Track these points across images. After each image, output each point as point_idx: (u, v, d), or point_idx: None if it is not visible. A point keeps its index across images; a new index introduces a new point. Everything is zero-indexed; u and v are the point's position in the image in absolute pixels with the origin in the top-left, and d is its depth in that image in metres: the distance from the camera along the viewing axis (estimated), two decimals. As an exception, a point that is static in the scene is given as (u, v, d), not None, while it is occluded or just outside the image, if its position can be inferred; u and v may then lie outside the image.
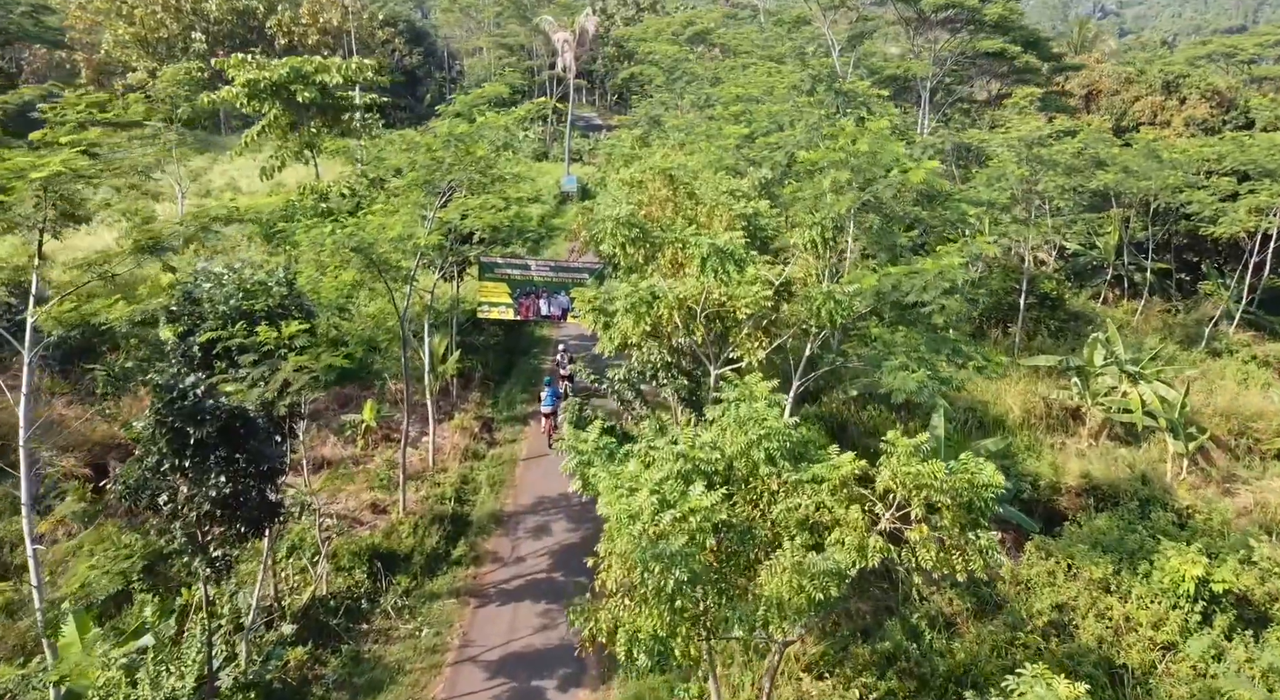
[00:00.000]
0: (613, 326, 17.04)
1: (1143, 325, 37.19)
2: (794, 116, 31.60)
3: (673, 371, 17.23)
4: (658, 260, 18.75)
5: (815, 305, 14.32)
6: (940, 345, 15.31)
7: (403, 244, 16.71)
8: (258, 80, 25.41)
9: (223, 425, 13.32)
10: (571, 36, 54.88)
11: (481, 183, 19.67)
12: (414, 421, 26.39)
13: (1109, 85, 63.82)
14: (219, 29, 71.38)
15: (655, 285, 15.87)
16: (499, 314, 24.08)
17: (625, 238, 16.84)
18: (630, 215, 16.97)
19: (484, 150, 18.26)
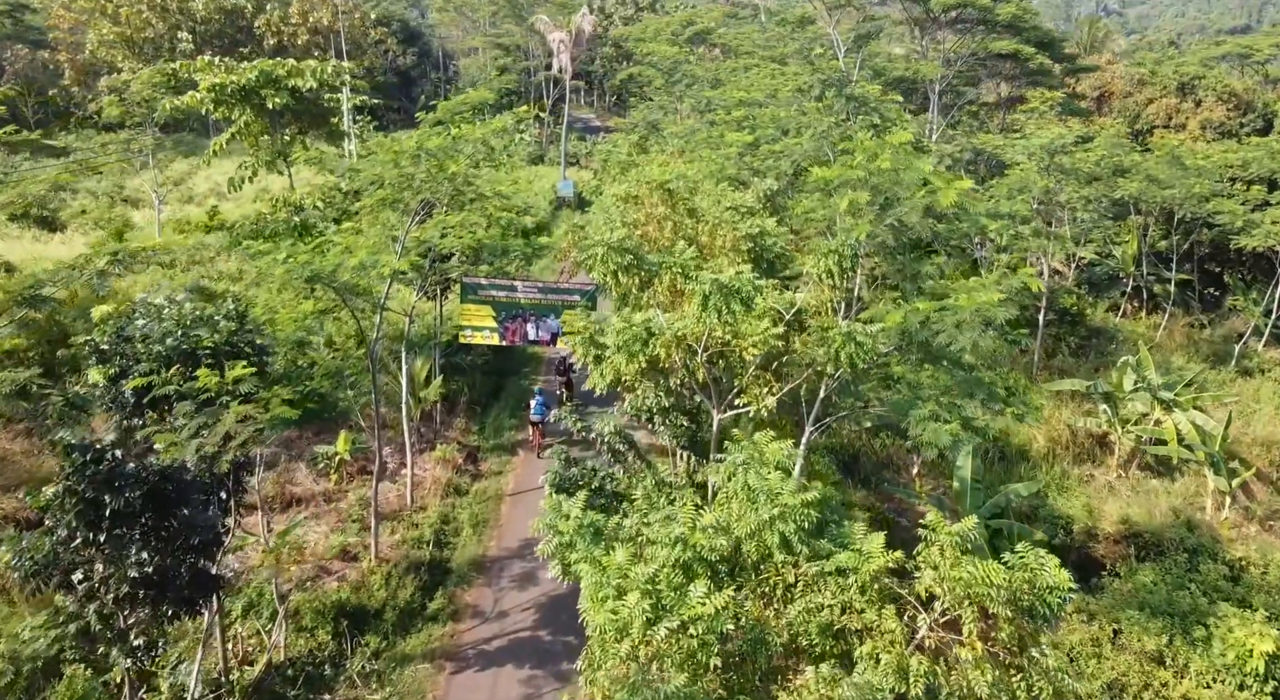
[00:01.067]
0: (605, 361, 15.24)
1: (1166, 341, 35.35)
2: (799, 122, 29.79)
3: (671, 416, 15.39)
4: (654, 287, 16.94)
5: (833, 347, 12.48)
6: (973, 388, 13.48)
7: (366, 273, 14.88)
8: (224, 85, 23.60)
9: (149, 490, 11.47)
10: (567, 37, 53.03)
11: (460, 200, 17.82)
12: (392, 452, 24.61)
13: (1122, 87, 62.04)
14: (206, 29, 69.53)
15: (651, 320, 14.03)
16: (482, 339, 22.24)
17: (617, 265, 15.00)
18: (623, 240, 15.12)
19: (460, 166, 16.40)
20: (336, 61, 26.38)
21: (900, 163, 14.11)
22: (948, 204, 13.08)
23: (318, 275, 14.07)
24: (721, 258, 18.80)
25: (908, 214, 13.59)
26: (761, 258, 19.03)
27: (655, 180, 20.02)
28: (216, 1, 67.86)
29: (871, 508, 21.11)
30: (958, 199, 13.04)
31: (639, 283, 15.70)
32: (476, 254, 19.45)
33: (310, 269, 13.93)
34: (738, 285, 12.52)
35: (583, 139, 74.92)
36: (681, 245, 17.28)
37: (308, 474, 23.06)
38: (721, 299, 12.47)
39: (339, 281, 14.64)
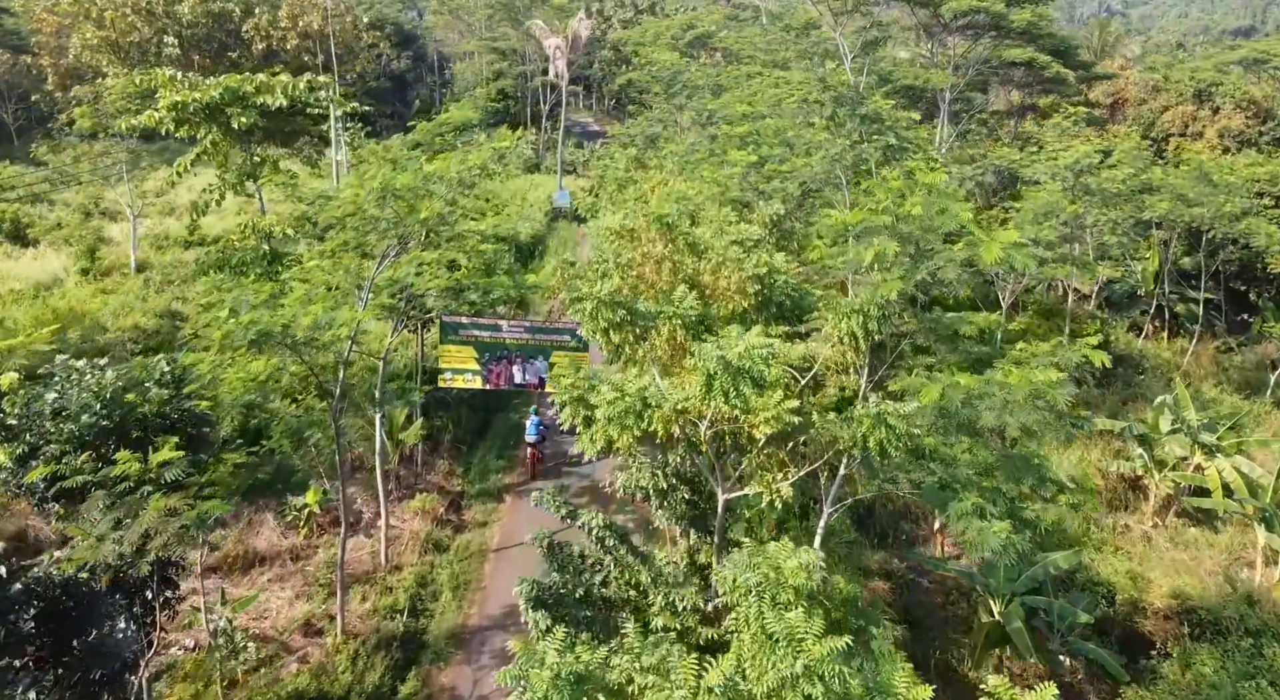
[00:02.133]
0: (595, 424, 13.33)
1: (1194, 368, 33.45)
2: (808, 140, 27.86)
3: (670, 497, 13.49)
4: (651, 339, 15.03)
5: (860, 431, 10.59)
6: (1021, 470, 11.60)
7: (321, 333, 13.00)
8: (185, 103, 21.72)
9: (44, 609, 9.58)
10: (564, 42, 51.14)
11: (435, 240, 15.96)
12: (367, 501, 22.73)
13: (1135, 93, 60.04)
14: (193, 33, 67.64)
15: (647, 389, 12.15)
16: (463, 382, 20.36)
17: (608, 321, 13.10)
18: (614, 292, 13.23)
19: (433, 209, 14.51)
20: (311, 76, 24.44)
21: (932, 208, 12.20)
22: (991, 261, 11.20)
23: (266, 335, 12.19)
24: (726, 301, 16.93)
25: (944, 269, 11.68)
26: (770, 300, 17.13)
27: (653, 213, 18.12)
28: (203, 5, 65.90)
29: (890, 573, 19.23)
30: (1005, 256, 11.17)
31: (634, 337, 13.79)
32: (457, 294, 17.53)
33: (256, 330, 12.04)
34: (748, 364, 10.61)
35: (581, 145, 73.05)
36: (681, 291, 15.39)
37: (275, 527, 21.18)
38: (729, 379, 10.58)
39: (293, 339, 12.76)
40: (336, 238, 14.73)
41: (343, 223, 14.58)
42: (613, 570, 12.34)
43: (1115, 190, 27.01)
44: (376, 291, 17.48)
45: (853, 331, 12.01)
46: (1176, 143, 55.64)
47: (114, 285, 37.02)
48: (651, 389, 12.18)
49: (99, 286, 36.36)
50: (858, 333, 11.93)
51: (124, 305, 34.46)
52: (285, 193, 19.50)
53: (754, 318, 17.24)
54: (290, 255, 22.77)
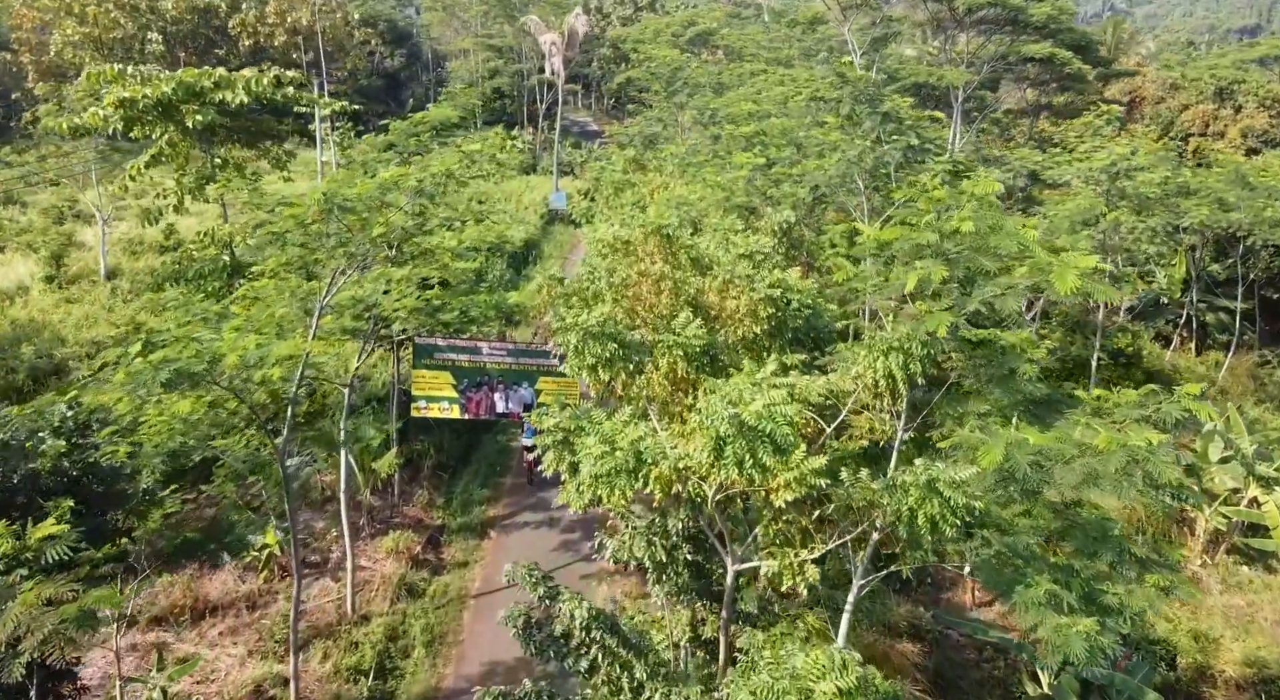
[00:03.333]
0: (581, 474, 11.29)
1: (1230, 383, 31.35)
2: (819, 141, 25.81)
3: (669, 571, 11.38)
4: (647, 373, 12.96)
5: (906, 502, 8.50)
6: (1096, 542, 9.50)
7: (251, 372, 10.91)
8: (135, 99, 19.64)
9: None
10: (560, 39, 49.03)
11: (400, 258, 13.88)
12: (338, 536, 20.63)
13: (1153, 92, 57.97)
14: (178, 29, 65.53)
15: (642, 442, 10.06)
16: (439, 412, 18.31)
17: (597, 357, 11.02)
18: (604, 322, 11.14)
19: (390, 224, 12.39)
20: (279, 71, 22.31)
21: (989, 223, 10.10)
22: (1066, 292, 9.10)
23: (182, 377, 10.10)
24: (734, 326, 14.81)
25: (1003, 299, 9.58)
26: (784, 324, 15.03)
27: (650, 223, 16.01)
28: (188, 1, 63.80)
29: (918, 633, 17.12)
30: (1081, 283, 9.08)
31: (626, 375, 11.72)
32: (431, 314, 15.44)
33: (171, 370, 9.94)
34: (767, 426, 8.51)
35: (578, 145, 70.93)
36: (685, 317, 13.30)
37: (231, 569, 19.07)
38: (744, 445, 8.48)
39: (217, 378, 10.67)
40: (276, 257, 12.69)
41: (282, 239, 12.53)
42: (600, 660, 10.22)
43: (1152, 195, 24.89)
44: (339, 311, 15.42)
45: (890, 373, 9.89)
46: (1197, 142, 53.60)
47: (81, 294, 34.99)
48: (648, 442, 10.08)
49: (64, 295, 34.32)
50: (897, 374, 9.83)
51: (88, 316, 32.43)
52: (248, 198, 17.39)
53: (766, 344, 15.17)
54: (256, 265, 20.65)
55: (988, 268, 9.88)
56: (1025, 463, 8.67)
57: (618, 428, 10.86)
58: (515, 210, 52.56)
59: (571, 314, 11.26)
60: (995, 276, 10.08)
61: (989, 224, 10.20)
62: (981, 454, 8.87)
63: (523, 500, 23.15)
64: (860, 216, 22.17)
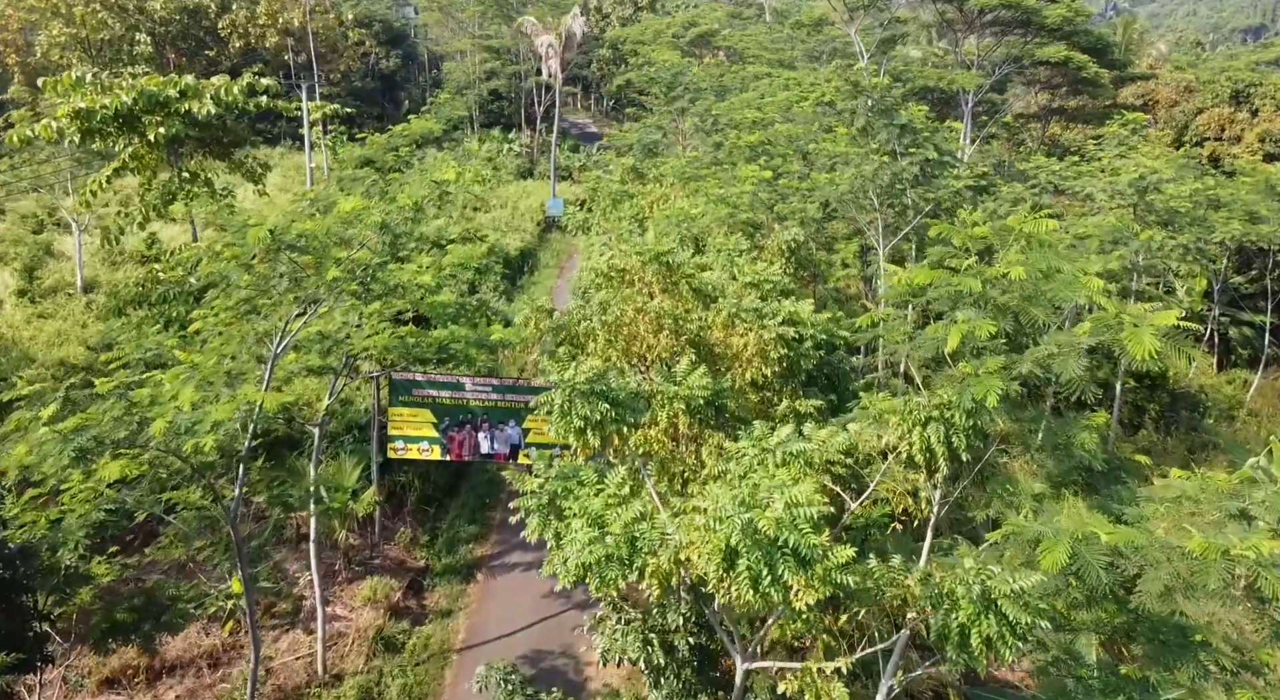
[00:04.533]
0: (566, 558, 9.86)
1: (1261, 404, 29.83)
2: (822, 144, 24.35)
3: (666, 674, 9.90)
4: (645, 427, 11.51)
5: (954, 620, 7.02)
6: (1175, 651, 8.03)
7: (183, 438, 9.43)
8: (92, 110, 18.13)
9: None
10: (557, 40, 47.53)
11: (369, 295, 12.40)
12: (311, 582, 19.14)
13: (1167, 95, 56.42)
14: (167, 30, 64.04)
15: (637, 526, 8.59)
16: (418, 453, 16.85)
17: (585, 418, 9.53)
18: (594, 379, 9.66)
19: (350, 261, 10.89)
20: (253, 77, 20.80)
21: (1039, 268, 8.61)
22: (1141, 355, 7.61)
23: (101, 444, 8.62)
24: (742, 368, 13.34)
25: (1060, 359, 8.10)
26: (797, 365, 13.56)
27: (650, 251, 14.55)
28: (176, 1, 62.35)
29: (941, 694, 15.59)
30: (1159, 345, 7.60)
31: (620, 436, 10.24)
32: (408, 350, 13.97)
33: (87, 438, 8.47)
34: (789, 536, 7.02)
35: (577, 149, 69.43)
36: (686, 363, 11.81)
37: (199, 620, 17.56)
38: (759, 558, 6.99)
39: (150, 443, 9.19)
40: (220, 301, 11.21)
41: (225, 282, 11.06)
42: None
43: (1182, 209, 23.39)
44: (304, 347, 13.94)
45: (929, 446, 8.41)
46: (1212, 147, 52.09)
47: (55, 308, 33.48)
48: (643, 528, 8.60)
49: (37, 310, 32.81)
50: (937, 449, 8.34)
51: (60, 332, 30.92)
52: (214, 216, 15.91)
53: (777, 387, 13.69)
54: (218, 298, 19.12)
55: (1043, 322, 8.37)
56: (1098, 565, 7.17)
57: (609, 501, 9.39)
58: (511, 217, 51.05)
59: (556, 368, 9.77)
60: (1048, 332, 8.58)
61: (1042, 268, 8.70)
62: (1043, 551, 7.38)
63: (512, 537, 21.61)
64: (874, 235, 20.69)
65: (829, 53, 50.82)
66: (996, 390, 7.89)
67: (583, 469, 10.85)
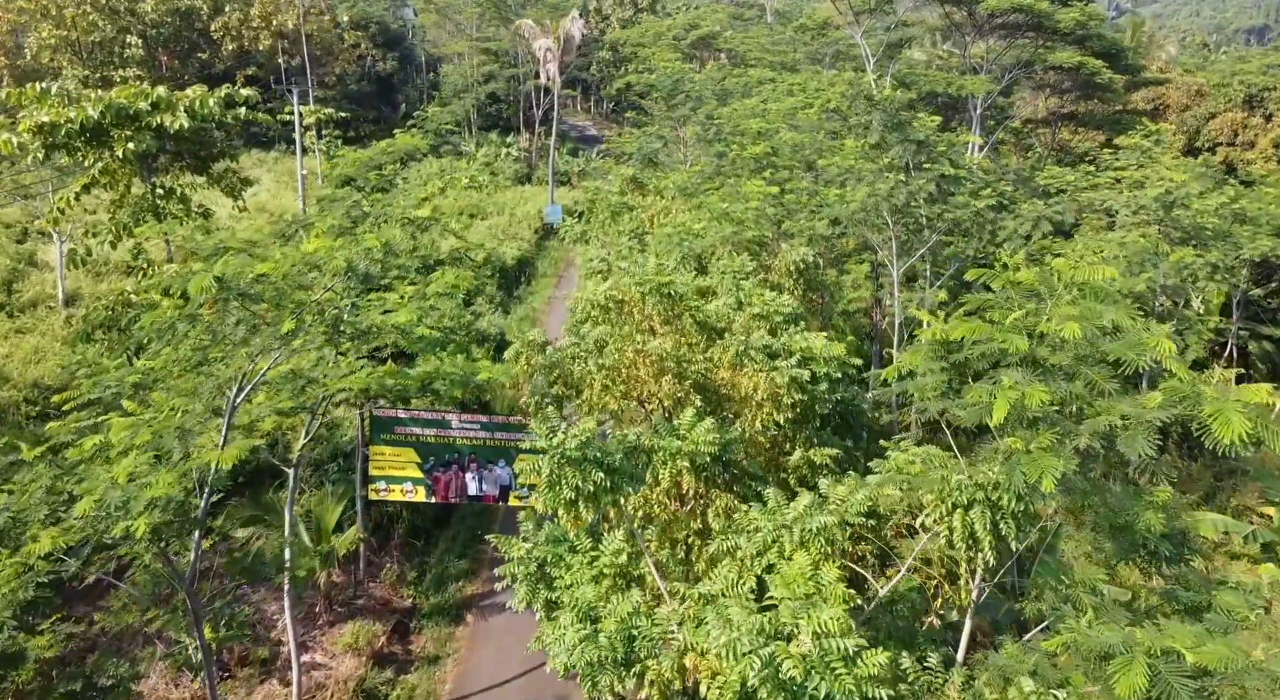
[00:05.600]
0: (554, 638, 8.79)
1: (1284, 426, 28.59)
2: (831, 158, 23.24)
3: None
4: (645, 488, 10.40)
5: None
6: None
7: (110, 519, 8.29)
8: (57, 124, 17.00)
9: None
10: (555, 44, 46.42)
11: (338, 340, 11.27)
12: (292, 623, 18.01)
13: (1178, 99, 55.27)
14: (159, 32, 62.98)
15: (634, 621, 7.48)
16: (401, 494, 15.75)
17: (578, 491, 8.41)
18: (586, 445, 8.52)
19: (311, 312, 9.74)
20: (230, 88, 19.66)
21: (1096, 325, 7.49)
22: (1230, 438, 6.50)
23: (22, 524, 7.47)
24: (752, 413, 12.22)
25: (1129, 437, 6.97)
26: (812, 410, 12.43)
27: (650, 281, 13.42)
28: (168, 3, 61.28)
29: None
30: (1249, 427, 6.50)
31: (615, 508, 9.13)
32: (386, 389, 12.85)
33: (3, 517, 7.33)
34: (819, 683, 5.89)
35: (576, 153, 68.33)
36: (691, 415, 10.68)
37: (162, 673, 16.44)
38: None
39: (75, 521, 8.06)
40: (166, 353, 10.09)
41: (171, 334, 9.94)
42: None
43: (1209, 226, 22.25)
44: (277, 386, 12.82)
45: (972, 532, 7.28)
46: (1225, 153, 50.97)
47: (34, 322, 32.37)
48: (642, 624, 7.49)
49: (15, 325, 31.68)
50: (982, 537, 7.20)
51: (37, 349, 29.79)
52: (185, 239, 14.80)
53: (790, 434, 12.56)
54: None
55: (1104, 388, 7.24)
56: (1186, 695, 6.03)
57: (603, 577, 8.28)
58: (508, 224, 49.90)
59: (543, 432, 8.64)
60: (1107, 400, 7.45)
61: (1098, 325, 7.57)
62: (1115, 672, 6.24)
63: (505, 573, 20.52)
64: (887, 254, 19.56)
65: (832, 55, 49.76)
66: (1054, 472, 6.76)
67: (574, 538, 9.74)
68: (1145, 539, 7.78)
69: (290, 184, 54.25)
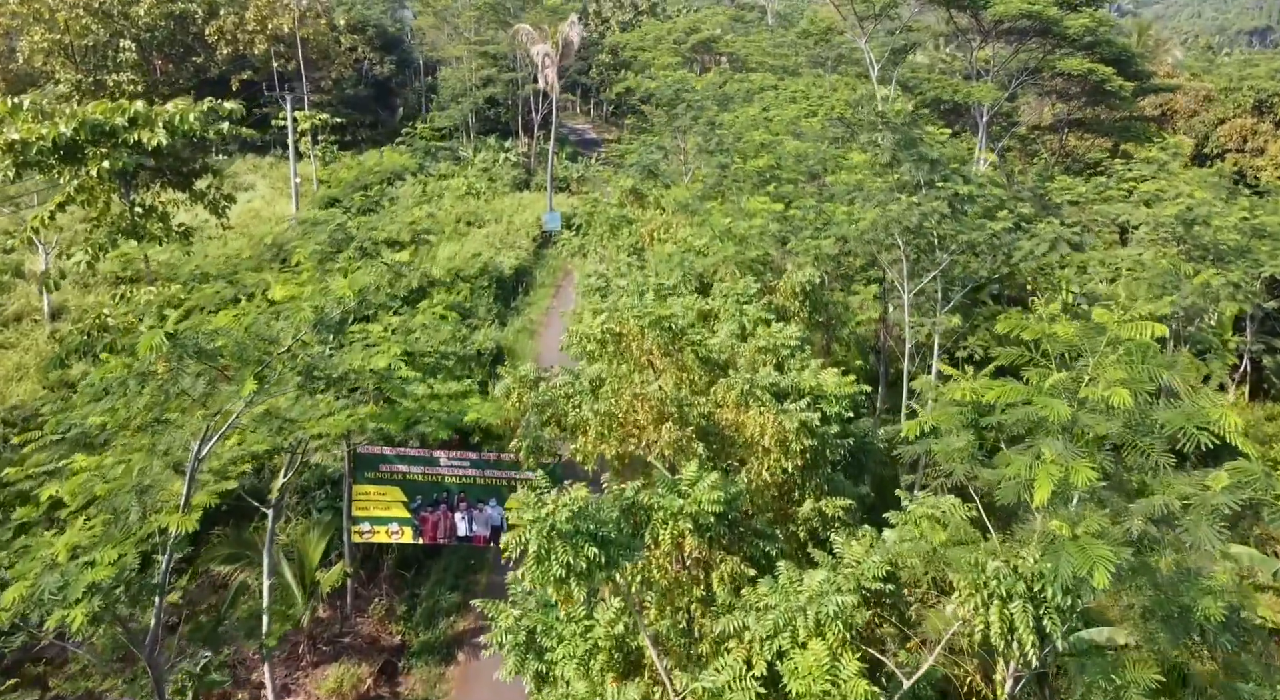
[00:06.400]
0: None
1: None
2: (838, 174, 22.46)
3: None
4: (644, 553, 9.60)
5: None
6: None
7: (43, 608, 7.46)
8: (28, 141, 16.18)
9: None
10: (553, 49, 45.62)
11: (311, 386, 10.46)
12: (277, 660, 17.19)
13: (1186, 105, 54.51)
14: (152, 36, 62.17)
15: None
16: (387, 535, 14.94)
17: (568, 567, 7.60)
18: (578, 514, 7.72)
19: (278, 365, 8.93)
20: (213, 100, 18.85)
21: (1146, 389, 6.68)
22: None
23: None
24: (759, 459, 11.41)
25: (1191, 524, 6.15)
26: (822, 456, 11.62)
27: (649, 314, 12.61)
28: (162, 7, 60.50)
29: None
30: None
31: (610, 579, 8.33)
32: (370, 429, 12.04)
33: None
34: None
35: (575, 158, 67.50)
36: (693, 468, 9.86)
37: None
38: None
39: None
40: (116, 411, 9.28)
41: (122, 392, 9.13)
42: None
43: (1231, 243, 21.41)
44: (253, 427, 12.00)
45: (1012, 626, 6.46)
46: (1235, 159, 50.18)
47: (18, 337, 31.53)
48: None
49: (-2, 339, 30.86)
50: (1022, 635, 6.38)
51: (19, 366, 28.95)
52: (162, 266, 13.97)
53: (799, 482, 11.74)
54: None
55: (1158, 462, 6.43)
56: None
57: (594, 679, 7.46)
58: (506, 233, 49.03)
59: (530, 503, 7.82)
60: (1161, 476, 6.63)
61: (1149, 389, 6.75)
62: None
63: (499, 607, 19.70)
64: (898, 276, 18.75)
65: (834, 59, 48.95)
66: (1108, 565, 5.94)
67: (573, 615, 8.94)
68: (1203, 628, 6.98)
69: (285, 190, 53.39)
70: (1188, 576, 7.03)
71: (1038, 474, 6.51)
